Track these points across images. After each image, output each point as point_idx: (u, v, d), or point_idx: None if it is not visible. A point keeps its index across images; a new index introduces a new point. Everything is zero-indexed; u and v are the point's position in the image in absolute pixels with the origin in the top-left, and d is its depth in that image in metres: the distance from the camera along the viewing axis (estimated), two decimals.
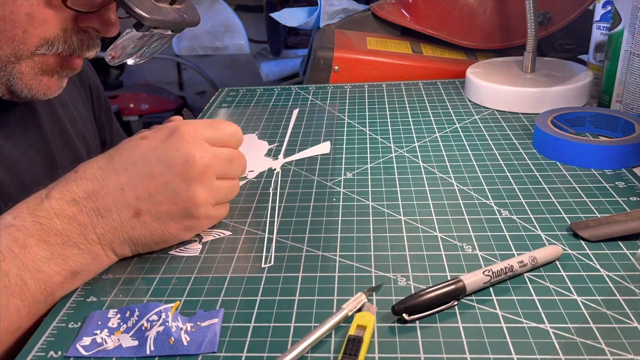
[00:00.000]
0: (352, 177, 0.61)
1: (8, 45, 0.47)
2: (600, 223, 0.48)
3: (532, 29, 0.79)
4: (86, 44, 0.51)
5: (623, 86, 0.71)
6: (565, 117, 0.68)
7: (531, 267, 0.44)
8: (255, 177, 0.63)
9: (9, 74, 0.48)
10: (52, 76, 0.51)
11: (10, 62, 0.48)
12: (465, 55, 1.00)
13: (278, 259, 0.48)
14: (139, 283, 0.46)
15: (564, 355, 0.36)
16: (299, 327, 0.40)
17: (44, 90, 0.51)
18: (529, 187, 0.57)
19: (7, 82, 0.49)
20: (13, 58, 0.48)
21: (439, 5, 1.01)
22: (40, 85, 0.51)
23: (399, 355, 0.37)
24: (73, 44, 0.50)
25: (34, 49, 0.48)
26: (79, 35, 0.50)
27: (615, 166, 0.59)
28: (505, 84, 0.78)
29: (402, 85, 0.91)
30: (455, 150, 0.66)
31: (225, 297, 0.43)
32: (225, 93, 0.94)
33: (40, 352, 0.39)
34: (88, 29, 0.50)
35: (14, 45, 0.47)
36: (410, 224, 0.52)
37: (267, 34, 2.39)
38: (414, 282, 0.44)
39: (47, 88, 0.51)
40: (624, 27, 0.70)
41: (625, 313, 0.39)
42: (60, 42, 0.49)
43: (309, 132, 0.74)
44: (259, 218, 0.54)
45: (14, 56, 0.48)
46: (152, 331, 0.39)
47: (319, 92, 0.90)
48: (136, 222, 0.46)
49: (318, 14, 1.13)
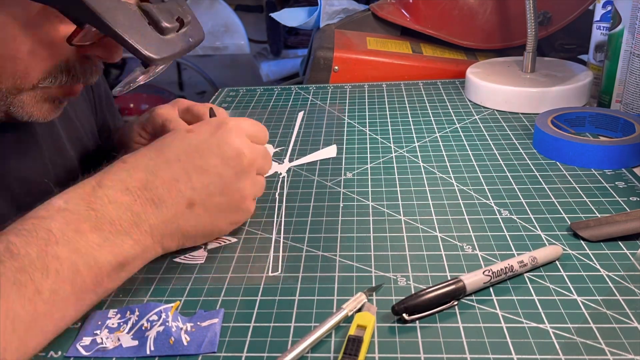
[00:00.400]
0: (352, 177, 0.61)
1: (9, 80, 0.45)
2: (600, 223, 0.48)
3: (532, 29, 0.79)
4: (89, 70, 0.49)
5: (623, 86, 0.71)
6: (565, 117, 0.68)
7: (531, 267, 0.44)
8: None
9: (9, 103, 0.47)
10: (54, 102, 0.50)
11: (11, 93, 0.46)
12: (465, 55, 1.00)
13: (278, 259, 0.48)
14: (139, 283, 0.46)
15: (564, 355, 0.36)
16: (299, 327, 0.40)
17: (44, 115, 0.50)
18: (529, 187, 0.57)
19: (6, 110, 0.48)
20: (15, 90, 0.46)
21: (439, 5, 1.01)
22: (41, 111, 0.49)
23: (399, 355, 0.37)
24: (77, 73, 0.48)
25: (36, 82, 0.46)
26: (82, 64, 0.48)
27: (615, 166, 0.59)
28: (505, 84, 0.78)
29: (402, 85, 0.91)
30: (455, 150, 0.66)
31: (225, 297, 0.43)
32: (225, 93, 0.94)
33: (40, 352, 0.39)
34: (91, 57, 0.49)
35: (14, 80, 0.45)
36: (410, 224, 0.52)
37: (267, 34, 2.40)
38: (414, 282, 0.44)
39: (48, 113, 0.50)
40: (624, 27, 0.70)
41: (625, 313, 0.39)
42: (63, 74, 0.47)
43: (313, 134, 0.74)
44: (259, 218, 0.54)
45: (16, 89, 0.46)
46: (152, 331, 0.39)
47: (319, 92, 0.90)
48: (189, 213, 0.46)
49: (318, 14, 1.13)
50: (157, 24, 0.45)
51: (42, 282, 0.37)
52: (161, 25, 0.45)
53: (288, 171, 0.64)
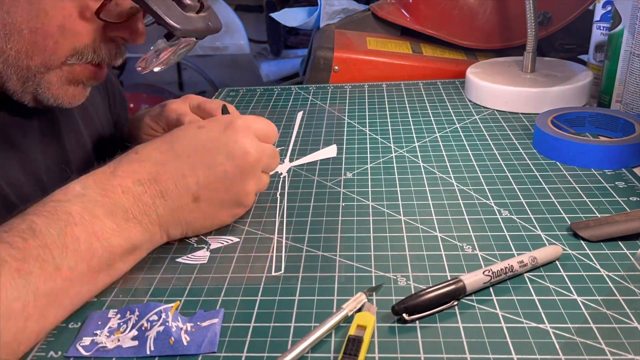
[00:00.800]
0: (352, 177, 0.61)
1: (39, 56, 0.47)
2: (600, 223, 0.48)
3: (532, 29, 0.79)
4: (114, 52, 0.52)
5: (623, 86, 0.71)
6: (565, 117, 0.68)
7: (531, 267, 0.44)
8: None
9: (37, 83, 0.49)
10: (78, 85, 0.52)
11: (39, 72, 0.49)
12: (465, 55, 1.00)
13: (278, 259, 0.48)
14: (139, 283, 0.46)
15: (564, 355, 0.36)
16: (299, 327, 0.40)
17: (69, 99, 0.52)
18: (529, 187, 0.57)
19: (34, 91, 0.50)
20: (43, 68, 0.48)
21: (439, 5, 1.01)
22: (66, 94, 0.52)
23: (399, 355, 0.37)
24: (102, 53, 0.51)
25: (65, 59, 0.49)
26: (107, 45, 0.51)
27: (615, 166, 0.59)
28: (505, 84, 0.78)
29: (402, 85, 0.91)
30: (455, 150, 0.66)
31: (225, 297, 0.43)
32: (225, 93, 0.94)
33: (40, 352, 0.39)
34: (116, 38, 0.51)
35: (44, 56, 0.48)
36: (410, 224, 0.52)
37: (267, 34, 2.39)
38: (414, 282, 0.44)
39: (72, 97, 0.52)
40: (624, 27, 0.70)
41: (625, 313, 0.39)
42: (90, 52, 0.50)
43: (313, 134, 0.74)
44: (260, 218, 0.54)
45: (44, 66, 0.48)
46: (152, 331, 0.39)
47: (319, 92, 0.90)
48: (194, 206, 0.48)
49: (318, 14, 1.13)
50: (181, 0, 0.49)
51: (61, 260, 0.40)
52: (184, 2, 0.49)
53: (288, 171, 0.64)
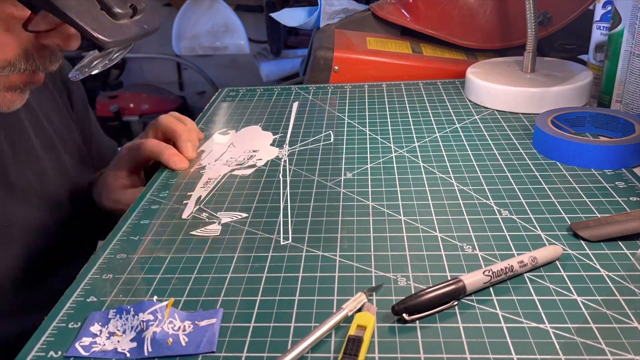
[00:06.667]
0: (352, 177, 0.61)
1: None
2: (600, 223, 0.48)
3: (532, 29, 0.79)
4: (49, 58, 0.51)
5: (623, 86, 0.71)
6: (565, 117, 0.68)
7: (531, 267, 0.44)
8: (264, 164, 0.66)
9: None
10: (15, 91, 0.51)
11: None
12: (465, 55, 1.00)
13: (278, 258, 0.48)
14: (139, 283, 0.46)
15: (564, 355, 0.36)
16: (299, 327, 0.40)
17: (7, 105, 0.51)
18: (529, 187, 0.57)
19: None
20: None
21: (439, 5, 1.01)
22: (4, 100, 0.51)
23: (399, 355, 0.37)
24: (35, 62, 0.50)
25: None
26: (40, 52, 0.50)
27: (615, 166, 0.59)
28: (505, 84, 0.78)
29: (402, 85, 0.91)
30: (455, 150, 0.66)
31: (225, 297, 0.43)
32: (225, 93, 0.94)
33: (40, 352, 0.39)
34: (50, 45, 0.50)
35: None
36: (410, 224, 0.51)
37: (267, 34, 2.39)
38: (414, 282, 0.44)
39: (10, 103, 0.52)
40: (624, 27, 0.70)
41: (625, 313, 0.39)
42: (22, 62, 0.49)
43: (311, 124, 0.75)
44: (260, 218, 0.54)
45: None
46: (149, 332, 0.39)
47: (319, 92, 0.90)
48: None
49: (318, 14, 1.13)
50: (110, 10, 0.46)
51: None
52: (113, 11, 0.47)
53: (288, 159, 0.64)
